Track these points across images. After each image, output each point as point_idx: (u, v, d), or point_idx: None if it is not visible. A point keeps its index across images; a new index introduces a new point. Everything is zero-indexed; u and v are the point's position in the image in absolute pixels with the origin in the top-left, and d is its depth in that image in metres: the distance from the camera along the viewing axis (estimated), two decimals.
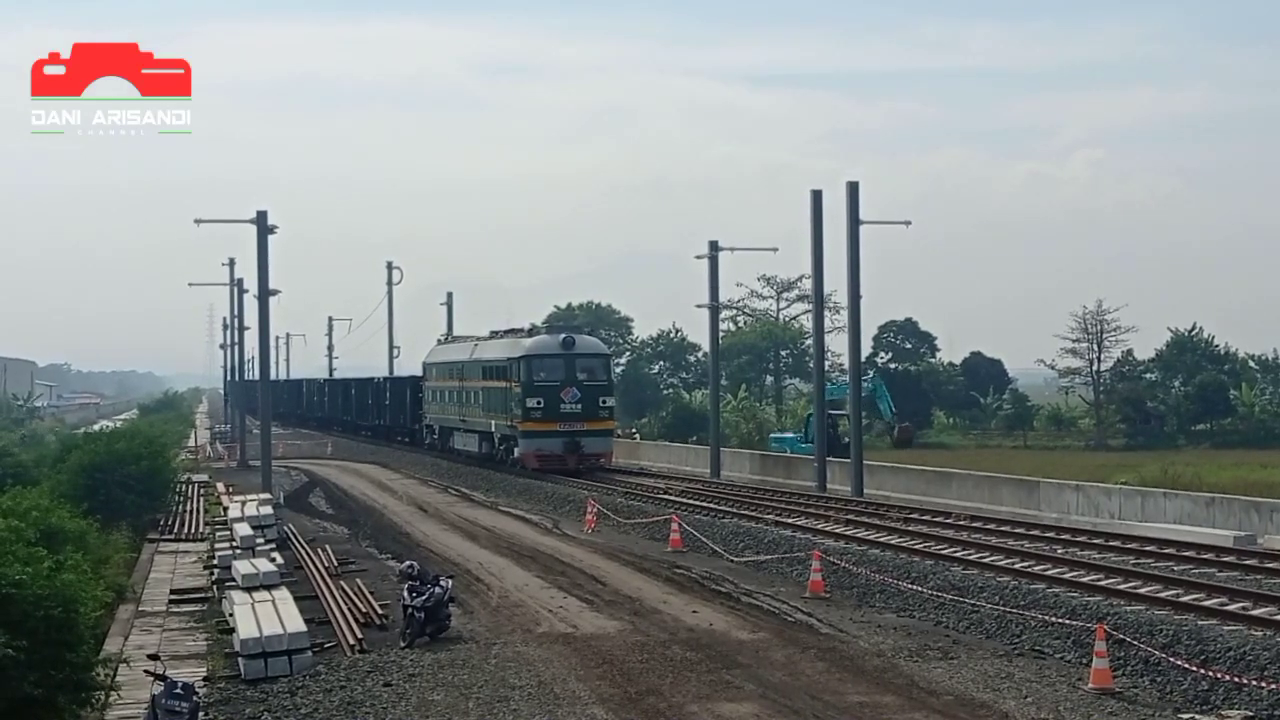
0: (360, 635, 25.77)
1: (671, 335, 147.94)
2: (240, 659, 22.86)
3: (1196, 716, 20.23)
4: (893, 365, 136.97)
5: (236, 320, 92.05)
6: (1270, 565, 30.50)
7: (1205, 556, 32.10)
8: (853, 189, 52.22)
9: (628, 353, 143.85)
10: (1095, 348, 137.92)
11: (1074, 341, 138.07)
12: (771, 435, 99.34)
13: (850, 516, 42.88)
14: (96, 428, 79.30)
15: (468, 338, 74.75)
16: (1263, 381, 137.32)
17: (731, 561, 35.80)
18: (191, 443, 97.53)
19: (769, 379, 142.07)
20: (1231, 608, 25.30)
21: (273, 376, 77.05)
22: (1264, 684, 20.67)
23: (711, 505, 46.92)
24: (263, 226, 56.22)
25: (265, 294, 58.18)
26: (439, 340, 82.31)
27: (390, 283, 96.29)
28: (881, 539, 36.92)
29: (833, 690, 21.47)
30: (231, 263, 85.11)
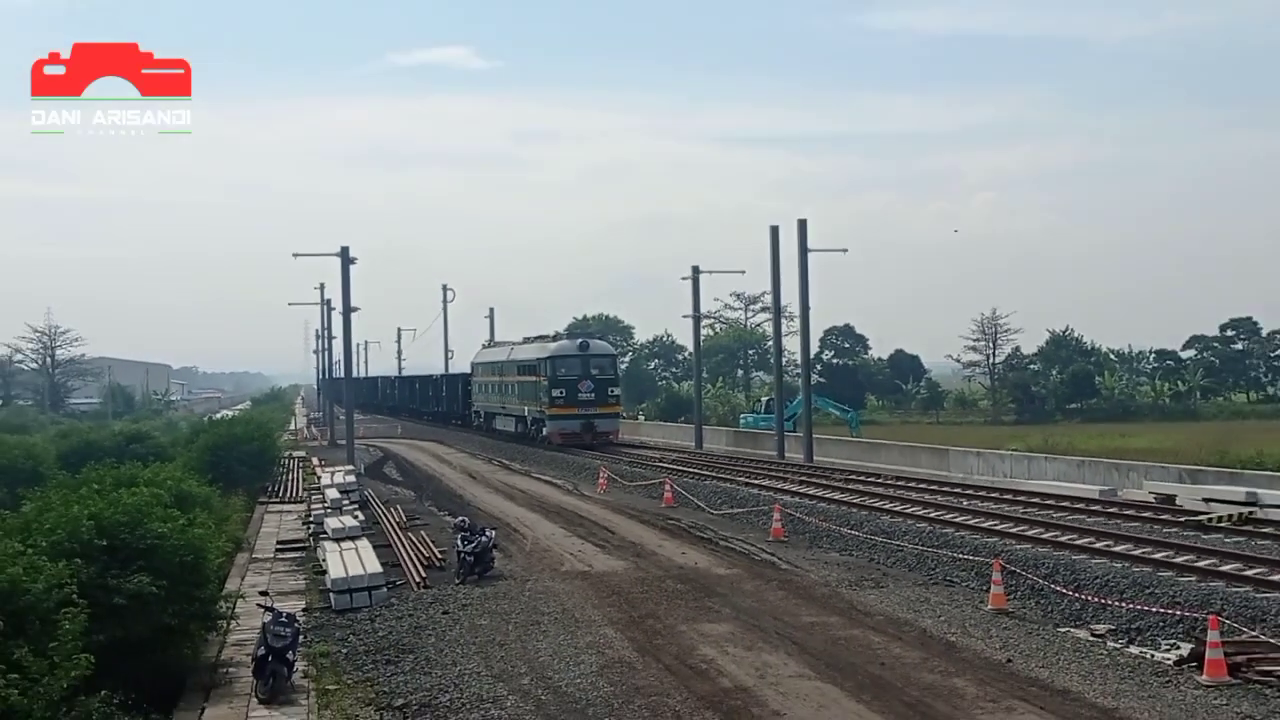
0: (424, 575, 25.86)
1: (664, 339, 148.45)
2: (331, 594, 22.97)
3: (1071, 630, 20.31)
4: (835, 360, 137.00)
5: (325, 332, 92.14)
6: (1127, 512, 30.61)
7: (1077, 506, 32.20)
8: (802, 224, 52.44)
9: (630, 353, 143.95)
10: (991, 345, 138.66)
11: (975, 340, 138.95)
12: (741, 415, 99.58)
13: (803, 478, 43.00)
14: (218, 416, 79.43)
15: (505, 343, 74.93)
16: (1120, 370, 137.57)
17: (712, 514, 35.84)
18: (292, 427, 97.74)
19: (739, 372, 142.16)
20: (1098, 545, 25.43)
21: (354, 375, 77.08)
22: (1123, 604, 20.82)
23: (696, 470, 47.07)
24: (345, 259, 56.22)
25: (348, 310, 58.20)
26: (483, 345, 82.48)
27: (445, 300, 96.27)
28: (827, 495, 37.00)
29: (790, 613, 21.53)
30: (321, 287, 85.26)
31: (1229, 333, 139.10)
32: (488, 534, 26.93)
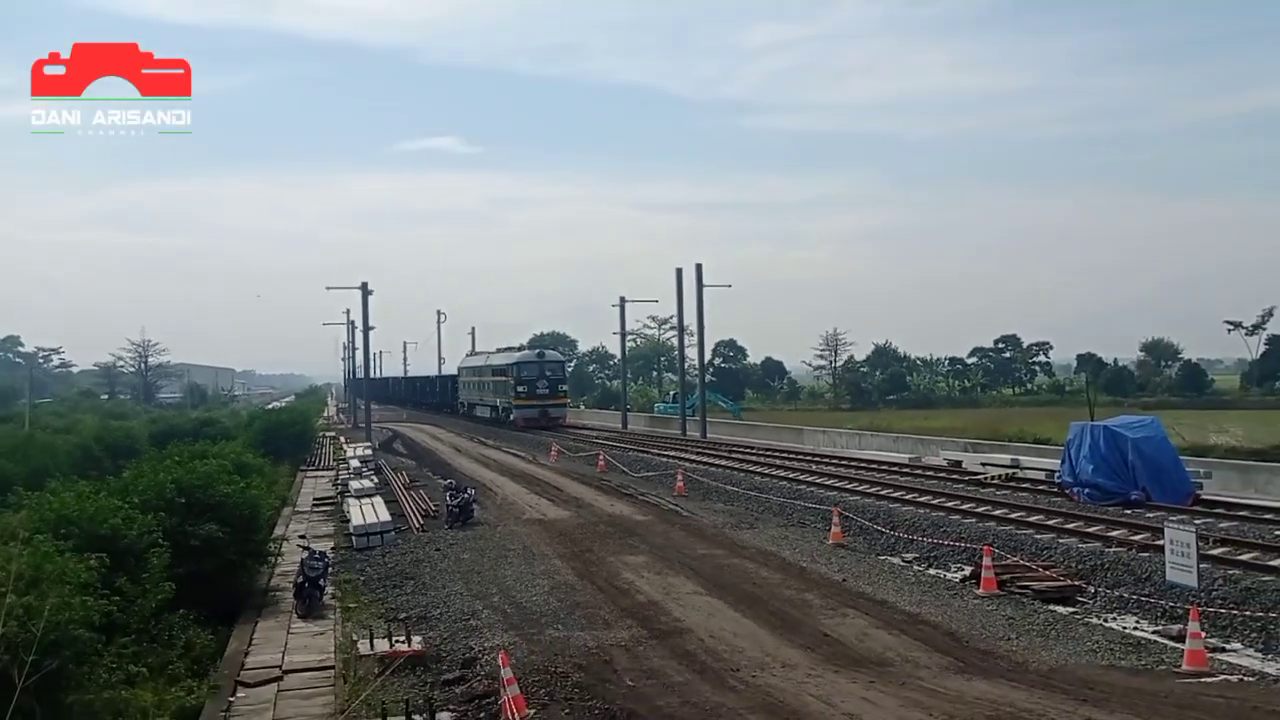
0: (422, 522, 25.60)
1: (599, 350, 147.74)
2: (353, 537, 22.66)
3: (888, 557, 20.49)
4: (723, 365, 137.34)
5: (351, 344, 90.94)
6: (928, 473, 30.94)
7: (893, 469, 32.48)
8: (699, 268, 52.51)
9: (575, 360, 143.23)
10: (833, 354, 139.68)
11: (821, 350, 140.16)
12: (656, 405, 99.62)
13: (699, 450, 43.05)
14: (270, 407, 78.25)
15: (483, 352, 74.60)
16: (924, 371, 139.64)
17: (633, 476, 35.76)
18: (325, 414, 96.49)
19: (654, 374, 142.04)
20: (907, 497, 25.64)
21: (371, 376, 76.15)
22: (924, 539, 21.04)
23: (622, 445, 46.89)
24: (365, 291, 55.45)
25: (366, 329, 57.41)
26: (467, 354, 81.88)
27: (439, 321, 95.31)
28: (716, 461, 37.04)
29: (689, 547, 21.55)
30: (348, 311, 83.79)
31: (1000, 345, 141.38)
32: (469, 491, 26.74)
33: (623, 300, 64.03)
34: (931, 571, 19.01)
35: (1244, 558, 16.66)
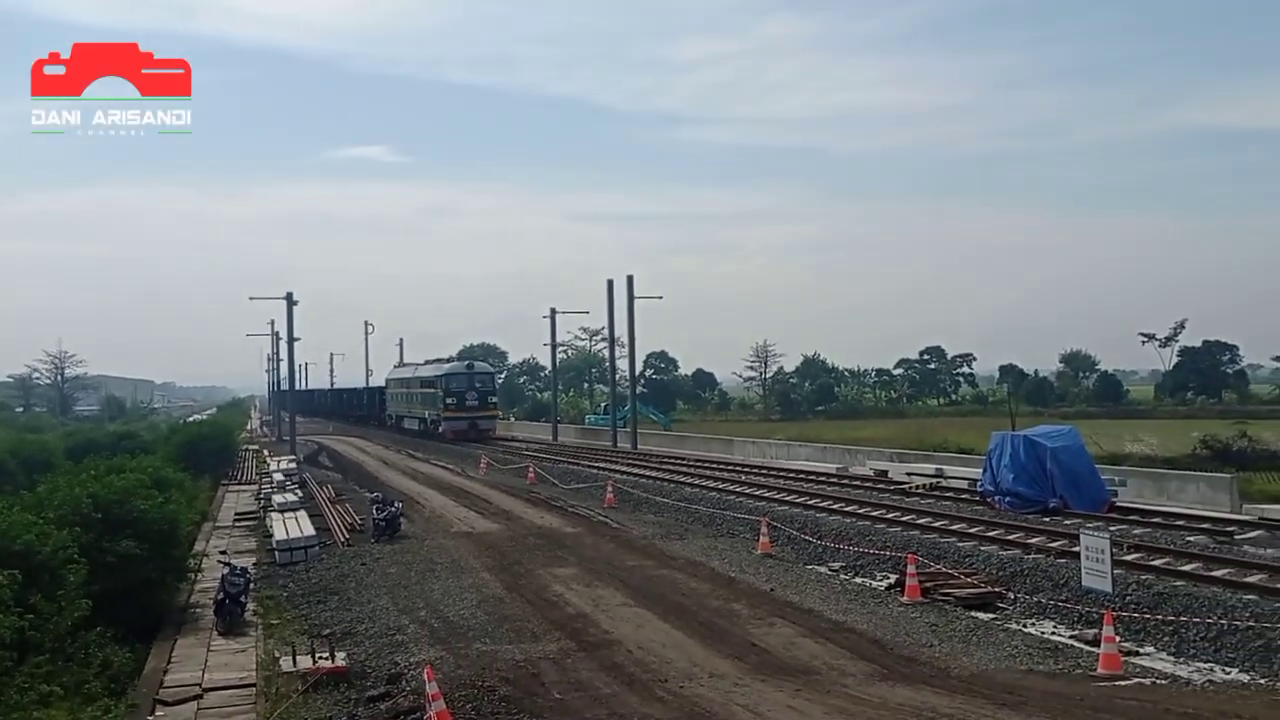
0: (348, 536, 25.24)
1: (530, 361, 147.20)
2: (276, 552, 22.22)
3: (815, 566, 20.69)
4: (654, 376, 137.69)
5: (275, 355, 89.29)
6: (854, 483, 31.38)
7: (820, 479, 32.82)
8: (630, 279, 52.64)
9: (505, 371, 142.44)
10: (763, 365, 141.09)
11: (752, 361, 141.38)
12: (586, 416, 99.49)
13: (630, 461, 43.10)
14: (190, 419, 76.57)
15: (412, 363, 73.97)
16: (851, 382, 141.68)
17: (563, 488, 35.67)
18: (248, 427, 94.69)
19: (585, 385, 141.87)
20: (834, 506, 25.93)
21: (296, 387, 74.90)
22: (851, 547, 21.26)
23: (552, 457, 46.81)
24: (290, 301, 54.46)
25: (291, 340, 56.21)
26: (395, 365, 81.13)
27: (366, 332, 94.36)
28: (646, 473, 37.11)
29: (619, 558, 21.58)
30: (272, 323, 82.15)
31: (925, 356, 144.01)
32: (396, 505, 26.45)
33: (553, 311, 64.12)
34: (858, 580, 19.23)
35: (1157, 563, 17.17)
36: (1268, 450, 62.29)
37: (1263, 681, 12.43)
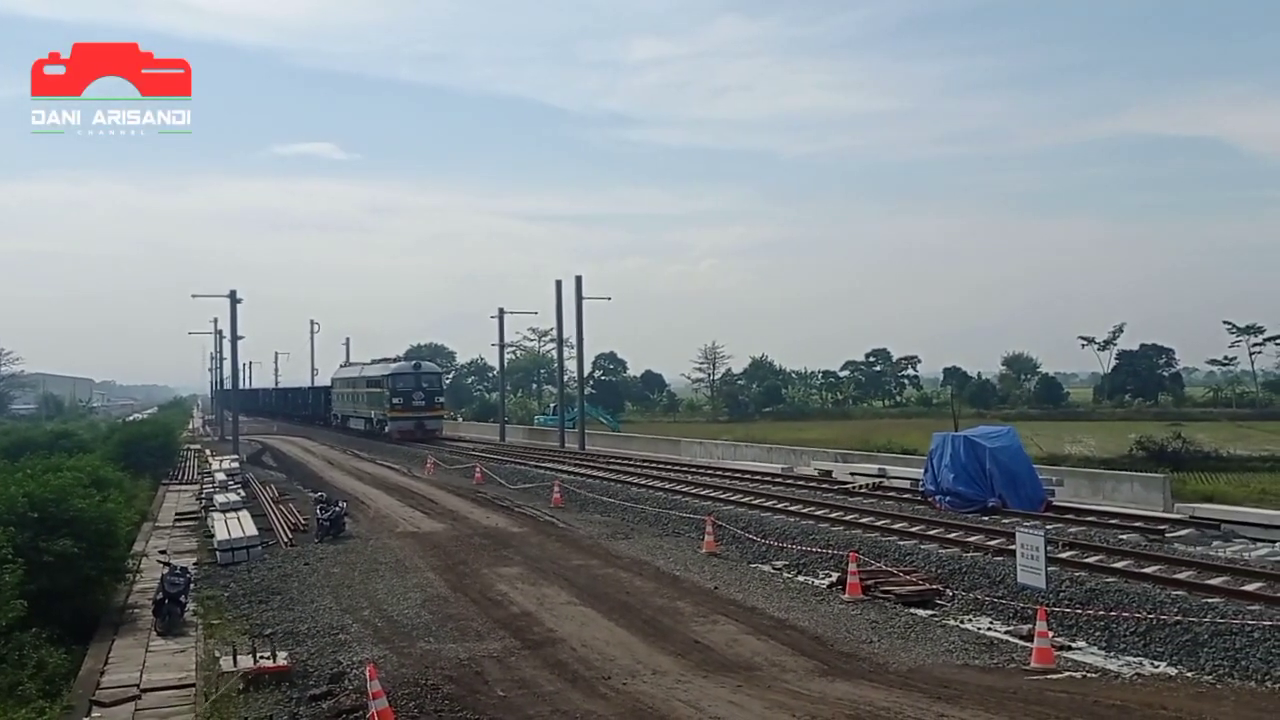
0: (291, 536, 25.02)
1: (478, 361, 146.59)
2: (217, 552, 21.99)
3: (759, 565, 20.87)
4: (603, 377, 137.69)
5: (218, 354, 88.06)
6: (799, 483, 31.69)
7: (766, 479, 33.11)
8: (578, 280, 52.57)
9: (453, 372, 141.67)
10: (711, 366, 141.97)
11: (700, 363, 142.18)
12: (535, 417, 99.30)
13: (577, 462, 43.12)
14: (131, 418, 75.25)
15: (358, 363, 73.17)
16: (798, 384, 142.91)
17: (510, 488, 35.63)
18: (190, 427, 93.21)
19: (534, 386, 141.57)
20: (778, 506, 26.18)
21: (240, 386, 73.90)
22: (794, 546, 21.46)
23: (499, 457, 46.69)
24: (233, 299, 53.81)
25: (234, 338, 55.61)
26: (341, 364, 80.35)
27: (312, 331, 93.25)
28: (594, 473, 37.17)
29: (564, 558, 21.62)
30: (215, 321, 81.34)
31: (871, 359, 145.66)
32: (341, 505, 26.28)
33: (501, 312, 64.03)
34: (800, 578, 19.43)
35: (1090, 560, 17.59)
36: (1201, 451, 64.02)
37: (1189, 674, 12.80)
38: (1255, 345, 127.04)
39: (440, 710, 11.37)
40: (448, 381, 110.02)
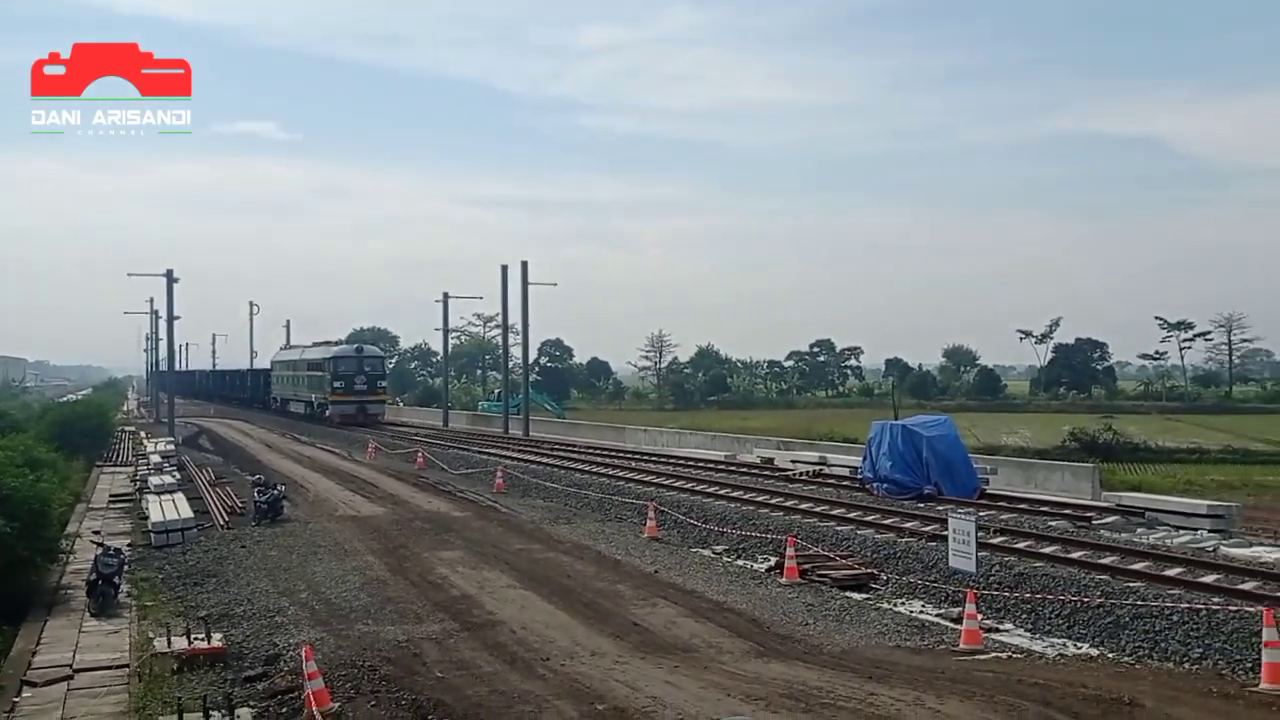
0: (227, 519, 24.79)
1: (422, 346, 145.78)
2: (152, 534, 21.75)
3: (700, 549, 21.04)
4: (549, 364, 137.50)
5: (154, 334, 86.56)
6: (741, 469, 32.00)
7: (709, 465, 33.43)
8: (524, 265, 52.33)
9: (396, 356, 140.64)
10: (658, 355, 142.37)
11: (647, 351, 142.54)
12: (479, 403, 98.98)
13: (521, 448, 43.14)
14: (64, 399, 73.71)
15: (299, 346, 72.60)
16: (744, 373, 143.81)
17: (452, 474, 35.53)
18: (125, 408, 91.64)
19: (479, 372, 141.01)
20: (720, 492, 26.42)
21: (176, 368, 72.75)
22: (735, 531, 21.68)
23: (442, 443, 46.47)
24: (170, 279, 52.75)
25: (171, 318, 54.67)
26: (281, 347, 79.58)
27: (251, 313, 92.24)
28: (537, 459, 37.16)
29: (505, 542, 21.67)
30: (151, 301, 79.67)
31: (815, 349, 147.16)
32: (279, 488, 26.07)
33: (446, 296, 63.72)
34: (740, 562, 19.69)
35: (1020, 546, 18.04)
36: (1130, 443, 65.70)
37: (1110, 655, 13.22)
38: (1185, 341, 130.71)
39: (377, 691, 11.40)
40: (390, 366, 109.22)
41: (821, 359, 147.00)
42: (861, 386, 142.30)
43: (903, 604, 16.18)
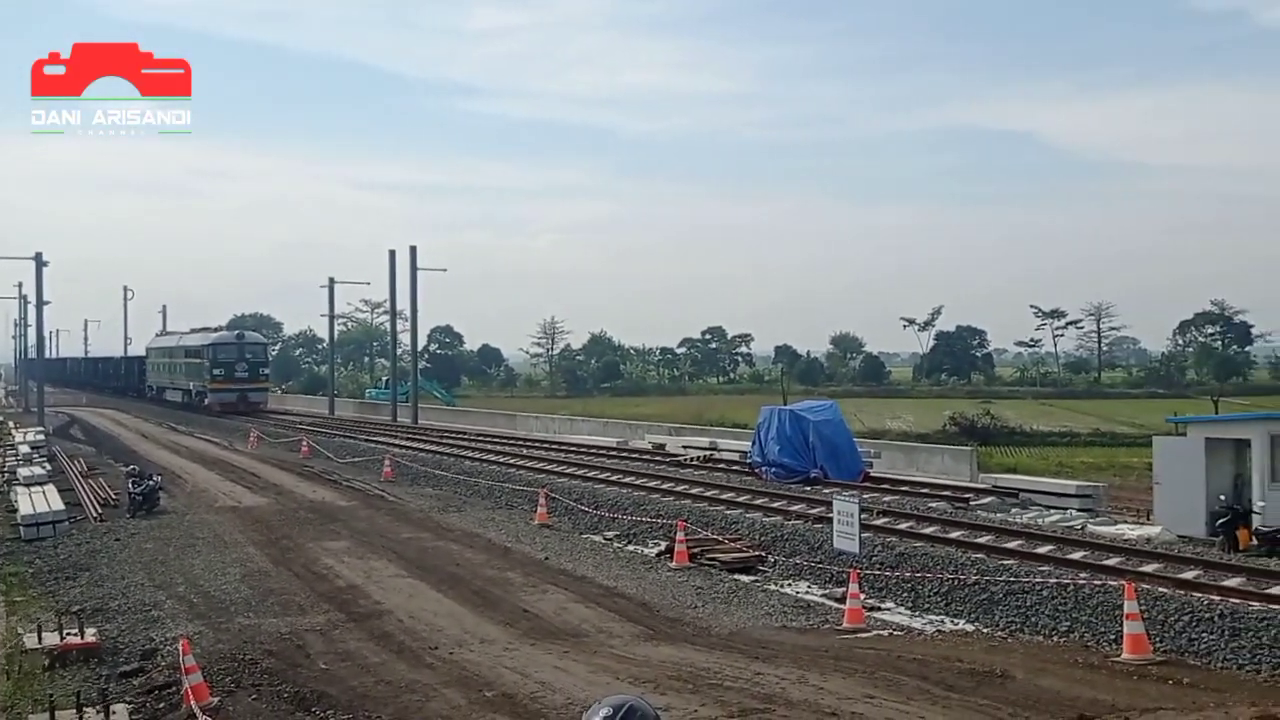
0: (100, 511, 23.83)
1: (307, 333, 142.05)
2: (21, 527, 20.87)
3: (591, 536, 21.19)
4: (439, 351, 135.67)
5: (22, 320, 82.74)
6: (633, 456, 32.20)
7: (601, 452, 33.58)
8: (413, 250, 51.73)
9: (280, 343, 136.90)
10: (550, 341, 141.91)
11: (539, 338, 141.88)
12: (367, 390, 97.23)
13: (410, 435, 42.61)
14: None
15: (176, 332, 70.47)
16: (636, 360, 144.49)
17: (339, 462, 34.92)
18: None
19: (367, 359, 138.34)
20: (612, 478, 26.61)
21: (46, 356, 69.68)
22: (626, 517, 21.87)
23: (328, 431, 45.54)
24: (39, 263, 50.55)
25: (40, 306, 52.43)
26: (157, 333, 77.11)
27: (125, 298, 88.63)
28: (427, 447, 36.78)
29: (393, 531, 21.41)
30: (19, 285, 76.10)
31: (707, 336, 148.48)
32: (155, 478, 25.26)
33: (332, 281, 62.47)
34: (630, 548, 19.86)
35: (901, 527, 18.61)
36: (1007, 427, 68.26)
37: (985, 630, 13.77)
38: (1058, 329, 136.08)
39: (259, 684, 11.15)
40: (274, 353, 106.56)
41: (713, 346, 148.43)
42: (752, 373, 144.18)
43: (789, 585, 16.53)
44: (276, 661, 11.99)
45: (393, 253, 54.09)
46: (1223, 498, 17.62)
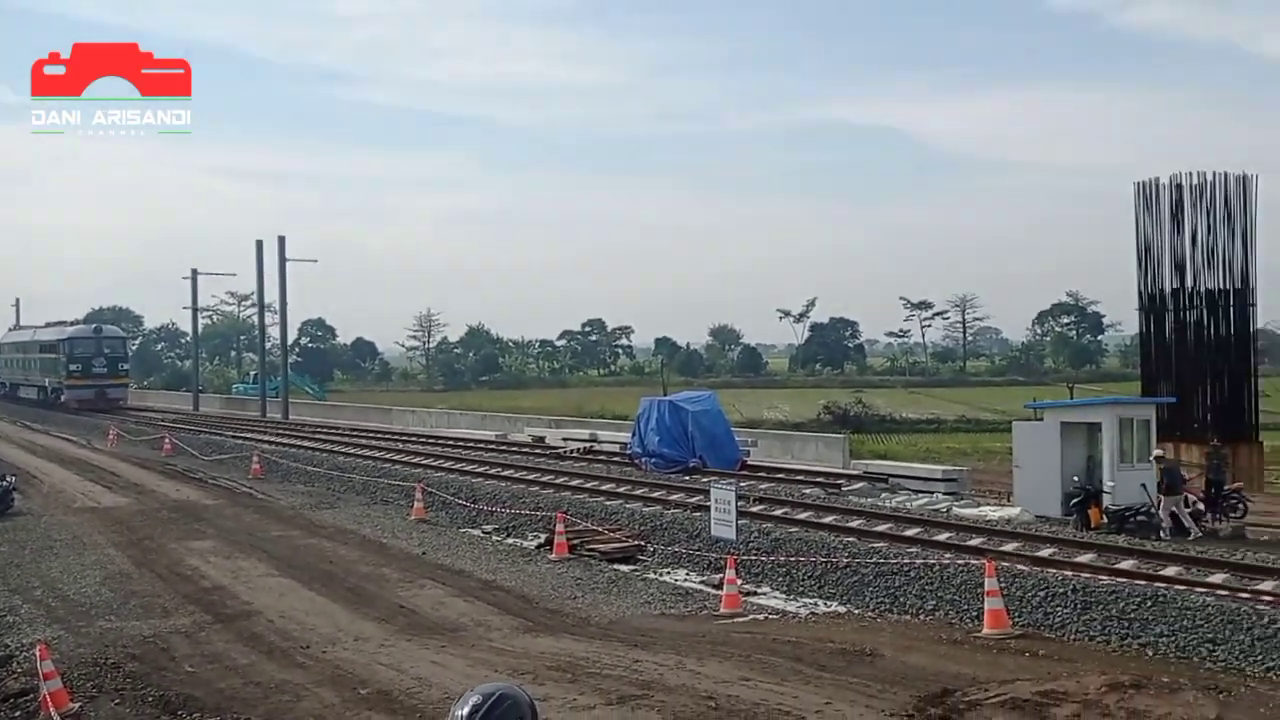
0: None
1: (170, 327, 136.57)
2: None
3: (469, 530, 21.02)
4: (310, 345, 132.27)
5: None
6: (512, 450, 32.10)
7: (479, 445, 33.36)
8: (281, 240, 50.16)
9: (140, 337, 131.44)
10: (427, 334, 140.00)
11: (415, 330, 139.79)
12: (234, 386, 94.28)
13: (280, 431, 41.52)
14: None
15: (30, 327, 67.19)
16: (516, 353, 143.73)
17: (204, 460, 33.76)
18: None
19: (234, 353, 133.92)
20: (490, 472, 26.48)
21: None
22: (505, 510, 21.69)
23: (192, 428, 44.01)
24: None
25: None
26: (9, 329, 73.54)
27: None
28: (297, 443, 35.92)
29: (263, 529, 20.87)
30: None
31: (587, 328, 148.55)
32: (8, 479, 24.06)
33: (194, 273, 60.53)
34: (509, 541, 19.79)
35: (776, 513, 19.04)
36: (878, 415, 70.34)
37: (856, 611, 14.20)
38: (926, 320, 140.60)
39: (122, 689, 10.75)
40: (134, 347, 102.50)
41: (593, 338, 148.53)
42: (632, 365, 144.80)
43: (668, 573, 16.72)
44: (140, 665, 11.57)
45: (259, 243, 52.43)
46: (1076, 479, 18.54)
